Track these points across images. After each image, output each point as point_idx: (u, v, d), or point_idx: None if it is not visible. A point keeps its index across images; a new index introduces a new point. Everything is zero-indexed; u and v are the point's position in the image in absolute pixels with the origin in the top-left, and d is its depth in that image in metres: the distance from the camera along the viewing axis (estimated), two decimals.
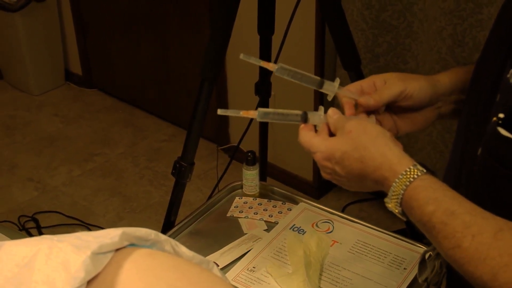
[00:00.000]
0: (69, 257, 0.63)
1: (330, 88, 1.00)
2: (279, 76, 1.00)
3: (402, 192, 0.83)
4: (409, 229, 1.72)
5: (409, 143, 2.42)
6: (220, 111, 0.96)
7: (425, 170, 0.83)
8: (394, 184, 0.84)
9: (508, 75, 0.81)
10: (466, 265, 0.76)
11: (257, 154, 1.57)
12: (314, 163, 2.79)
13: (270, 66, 0.98)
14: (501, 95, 0.83)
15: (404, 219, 0.86)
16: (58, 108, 3.58)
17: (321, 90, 1.01)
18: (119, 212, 2.80)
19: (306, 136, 0.95)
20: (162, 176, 3.01)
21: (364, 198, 2.82)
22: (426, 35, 2.19)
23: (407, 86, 0.99)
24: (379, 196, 2.81)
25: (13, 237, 1.39)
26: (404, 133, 1.04)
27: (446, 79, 1.03)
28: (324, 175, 0.94)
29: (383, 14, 2.28)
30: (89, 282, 0.63)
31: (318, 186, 2.82)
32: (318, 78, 1.00)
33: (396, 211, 0.85)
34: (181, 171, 1.56)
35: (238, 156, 2.11)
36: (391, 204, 0.85)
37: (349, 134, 0.90)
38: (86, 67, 3.71)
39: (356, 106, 1.00)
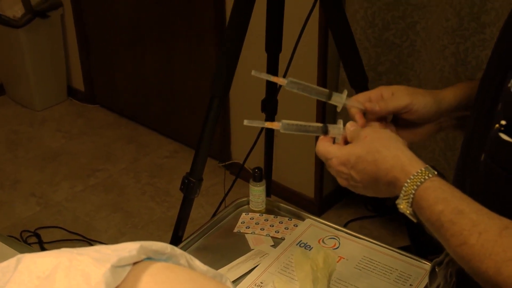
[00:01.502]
0: (89, 269, 0.64)
1: (338, 100, 1.04)
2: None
3: (413, 192, 0.86)
4: (414, 245, 1.73)
5: None
6: (246, 122, 1.00)
7: (435, 172, 0.87)
8: (405, 184, 0.87)
9: (509, 85, 0.85)
10: (472, 261, 0.79)
11: None
12: (316, 180, 2.80)
13: (280, 80, 1.01)
14: (503, 104, 0.86)
15: (415, 220, 0.89)
16: (60, 124, 3.59)
17: (330, 102, 1.04)
18: (120, 227, 2.81)
19: (323, 145, 0.99)
20: (164, 192, 3.02)
21: (365, 215, 2.83)
22: (428, 54, 2.22)
23: (413, 100, 1.03)
24: (380, 213, 2.81)
25: (18, 249, 1.40)
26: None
27: (451, 96, 1.06)
28: (340, 180, 0.97)
29: (386, 33, 2.30)
30: None
31: (320, 204, 2.83)
32: (327, 90, 1.03)
33: (408, 212, 0.88)
34: (190, 187, 1.58)
35: (240, 173, 2.12)
36: (403, 205, 0.87)
37: (364, 140, 0.94)
38: (88, 83, 3.73)
39: (365, 115, 1.04)
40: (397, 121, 1.06)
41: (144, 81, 3.42)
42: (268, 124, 1.00)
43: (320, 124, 1.01)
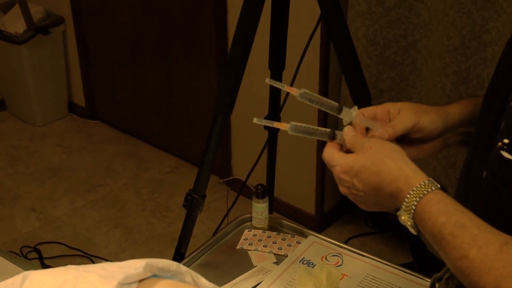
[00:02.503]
0: (95, 287, 0.64)
1: (348, 115, 1.05)
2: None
3: (415, 203, 0.86)
4: (417, 262, 1.72)
5: None
6: (255, 120, 1.02)
7: (439, 185, 0.88)
8: (408, 196, 0.87)
9: None
10: (471, 275, 0.79)
11: None
12: (317, 197, 2.80)
13: (293, 90, 1.02)
14: (506, 123, 0.87)
15: (415, 232, 0.89)
16: (61, 139, 3.60)
17: (339, 116, 1.05)
18: (121, 243, 2.80)
19: (329, 151, 0.99)
20: (164, 207, 3.02)
21: (366, 232, 2.82)
22: (430, 72, 2.22)
23: (420, 120, 1.03)
24: (380, 229, 2.81)
25: (19, 265, 1.39)
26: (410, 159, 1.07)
27: (456, 112, 1.07)
28: (342, 189, 0.97)
29: (387, 51, 2.31)
30: None
31: (320, 220, 2.82)
32: (337, 104, 1.03)
33: (409, 223, 0.88)
34: (193, 203, 1.58)
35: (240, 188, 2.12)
36: (404, 217, 0.88)
37: (369, 150, 0.95)
38: (89, 98, 3.74)
39: (368, 129, 1.04)
40: (402, 138, 1.06)
41: (145, 96, 3.43)
42: (276, 124, 1.01)
43: (328, 129, 1.02)
